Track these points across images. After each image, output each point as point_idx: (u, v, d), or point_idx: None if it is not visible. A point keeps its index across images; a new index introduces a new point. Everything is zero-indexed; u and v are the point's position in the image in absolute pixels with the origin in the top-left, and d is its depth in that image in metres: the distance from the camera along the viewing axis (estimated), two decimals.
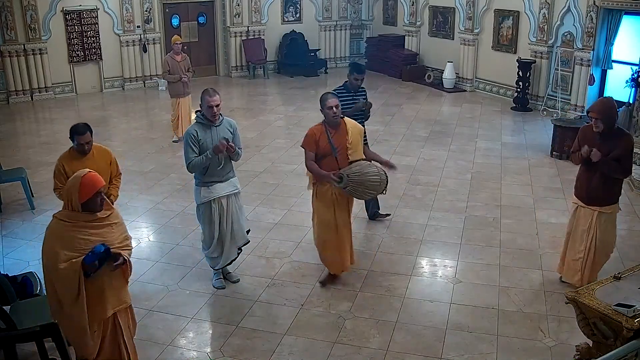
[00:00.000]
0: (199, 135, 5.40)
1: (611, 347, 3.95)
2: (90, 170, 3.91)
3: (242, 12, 16.07)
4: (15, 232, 7.17)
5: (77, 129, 5.25)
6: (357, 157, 5.60)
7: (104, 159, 5.44)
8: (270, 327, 5.28)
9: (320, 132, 5.55)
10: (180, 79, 10.16)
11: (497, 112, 12.63)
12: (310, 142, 5.55)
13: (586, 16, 11.29)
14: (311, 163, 5.56)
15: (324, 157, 5.54)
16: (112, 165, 5.51)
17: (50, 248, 3.78)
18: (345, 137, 5.56)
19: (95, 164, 5.19)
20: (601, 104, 5.44)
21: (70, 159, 5.29)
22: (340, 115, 5.57)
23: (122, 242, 3.99)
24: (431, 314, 5.47)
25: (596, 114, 5.33)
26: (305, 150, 5.60)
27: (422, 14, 15.88)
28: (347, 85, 6.66)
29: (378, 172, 5.53)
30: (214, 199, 5.57)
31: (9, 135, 11.31)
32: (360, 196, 5.64)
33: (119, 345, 4.13)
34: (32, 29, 13.51)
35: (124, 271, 4.03)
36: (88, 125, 5.33)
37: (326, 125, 5.57)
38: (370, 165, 5.56)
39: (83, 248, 3.77)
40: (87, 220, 3.83)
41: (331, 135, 5.53)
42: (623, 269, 4.81)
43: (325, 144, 5.52)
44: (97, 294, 3.89)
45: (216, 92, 5.45)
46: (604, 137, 5.37)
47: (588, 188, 5.52)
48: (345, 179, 5.39)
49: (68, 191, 3.83)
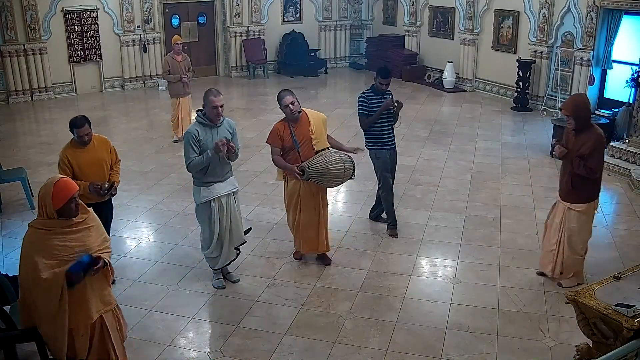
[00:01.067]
0: (200, 135, 5.41)
1: (611, 347, 3.95)
2: (62, 176, 3.89)
3: (242, 12, 16.08)
4: (15, 232, 7.17)
5: (76, 122, 5.48)
6: (322, 146, 5.93)
7: (104, 147, 5.73)
8: (270, 327, 5.28)
9: (284, 127, 5.87)
10: (181, 79, 10.16)
11: (497, 112, 12.63)
12: (275, 137, 5.88)
13: (586, 16, 11.29)
14: (277, 158, 5.90)
15: (289, 151, 5.88)
16: (111, 152, 5.80)
17: (28, 257, 3.75)
18: (307, 128, 5.86)
19: (96, 152, 5.58)
20: (572, 101, 5.54)
21: (73, 150, 5.52)
22: (299, 110, 5.82)
23: (101, 244, 3.97)
24: (431, 314, 5.47)
25: (567, 111, 5.43)
26: (271, 145, 5.94)
27: (422, 14, 15.88)
28: (374, 87, 6.76)
29: (341, 159, 5.84)
30: (213, 198, 5.57)
31: (9, 135, 11.31)
32: (327, 185, 6.00)
33: (108, 348, 4.10)
34: (32, 29, 13.51)
35: (105, 274, 4.02)
36: (86, 117, 5.56)
37: (288, 121, 5.86)
38: (333, 154, 5.87)
39: (62, 255, 3.75)
40: (63, 227, 3.80)
41: (294, 129, 5.84)
42: (623, 269, 4.81)
43: (288, 139, 5.84)
44: (79, 298, 3.87)
45: (219, 93, 5.48)
46: (577, 134, 5.48)
47: (560, 183, 5.73)
48: (307, 172, 5.71)
49: (42, 199, 3.79)
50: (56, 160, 5.60)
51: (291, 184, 6.01)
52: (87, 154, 5.54)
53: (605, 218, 7.61)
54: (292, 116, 5.82)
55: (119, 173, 5.91)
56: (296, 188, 6.00)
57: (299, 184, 5.95)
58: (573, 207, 5.62)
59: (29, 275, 3.74)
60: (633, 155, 8.95)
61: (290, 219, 6.20)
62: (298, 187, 5.98)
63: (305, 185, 5.94)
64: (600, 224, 7.42)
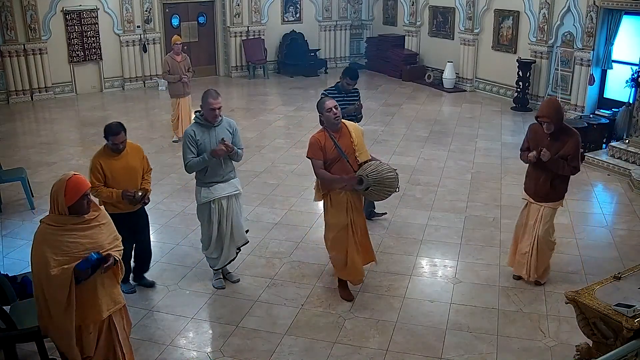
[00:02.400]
0: (197, 136, 5.42)
1: (611, 347, 3.95)
2: (75, 173, 3.88)
3: (242, 12, 16.07)
4: (15, 232, 7.17)
5: (112, 129, 5.28)
6: (364, 158, 5.42)
7: (137, 155, 5.54)
8: (270, 327, 5.28)
9: (325, 138, 5.34)
10: (181, 79, 10.16)
11: (497, 112, 12.63)
12: (316, 149, 5.32)
13: (586, 16, 11.28)
14: (322, 171, 5.33)
15: (333, 164, 5.35)
16: (144, 160, 5.62)
17: (40, 254, 3.75)
18: (349, 139, 5.37)
19: (129, 160, 5.41)
20: (550, 107, 5.50)
21: (106, 157, 5.35)
22: (340, 116, 5.41)
23: (111, 242, 3.98)
24: (431, 314, 5.47)
25: (546, 118, 5.43)
26: (313, 159, 5.35)
27: (422, 14, 15.88)
28: (338, 86, 6.76)
29: (391, 168, 5.39)
30: (213, 199, 5.57)
31: (9, 135, 11.30)
32: (379, 196, 5.42)
33: (114, 346, 4.12)
34: (32, 29, 13.51)
35: (115, 272, 4.03)
36: (121, 124, 5.37)
37: (328, 130, 5.38)
38: (382, 164, 5.42)
39: (73, 251, 3.76)
40: (75, 223, 3.81)
41: (337, 139, 5.34)
42: (623, 269, 4.81)
43: (332, 150, 5.31)
44: (90, 296, 3.88)
45: (218, 94, 5.46)
46: (553, 137, 5.49)
47: (537, 185, 5.70)
48: (365, 180, 5.23)
49: (54, 195, 3.80)
50: (56, 160, 5.60)
51: (338, 198, 5.40)
52: (120, 162, 5.35)
53: (605, 218, 7.61)
54: (335, 121, 5.29)
55: (150, 182, 5.74)
56: (344, 203, 5.40)
57: (346, 198, 5.39)
58: (550, 205, 5.69)
59: (40, 271, 3.76)
60: (633, 155, 8.95)
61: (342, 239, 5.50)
62: (346, 202, 5.40)
63: (353, 200, 5.43)
64: (600, 224, 7.43)
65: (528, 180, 5.82)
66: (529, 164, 5.71)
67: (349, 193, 5.39)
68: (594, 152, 9.54)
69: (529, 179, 5.80)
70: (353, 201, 5.46)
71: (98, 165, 5.30)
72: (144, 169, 5.63)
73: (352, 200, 5.45)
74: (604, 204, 8.11)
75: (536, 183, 5.69)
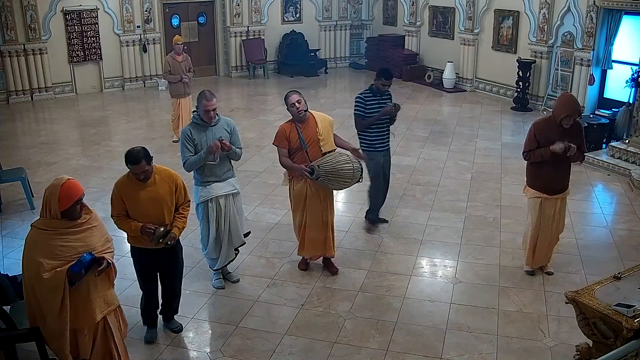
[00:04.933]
0: (193, 135, 5.45)
1: (611, 347, 3.95)
2: (69, 178, 3.86)
3: (242, 12, 16.07)
4: (15, 232, 7.17)
5: (131, 157, 4.50)
6: (329, 148, 5.79)
7: (168, 183, 4.73)
8: (270, 327, 5.28)
9: (290, 128, 5.76)
10: (181, 79, 10.16)
11: (497, 112, 12.63)
12: (282, 138, 5.76)
13: (586, 16, 11.29)
14: (285, 159, 5.77)
15: (296, 152, 5.74)
16: (177, 191, 4.76)
17: (31, 258, 3.75)
18: (314, 129, 5.74)
19: (156, 190, 4.63)
20: (576, 102, 5.64)
21: (127, 187, 4.62)
22: (305, 109, 5.71)
23: (104, 244, 3.98)
24: (431, 314, 5.47)
25: (578, 113, 5.59)
26: (278, 147, 5.81)
27: (422, 14, 15.88)
28: (372, 88, 6.71)
29: (350, 160, 5.71)
30: (211, 198, 5.57)
31: (9, 135, 11.29)
32: (335, 186, 5.81)
33: (110, 347, 4.12)
34: (32, 29, 13.51)
35: (109, 274, 4.03)
36: (144, 151, 4.55)
37: (294, 121, 5.76)
38: (342, 154, 5.74)
39: (65, 255, 3.75)
40: (66, 227, 3.80)
41: (301, 130, 5.72)
42: (623, 269, 4.81)
43: (295, 139, 5.72)
44: (83, 299, 3.88)
45: (213, 95, 5.48)
46: (566, 130, 5.54)
47: (555, 180, 5.73)
48: (316, 171, 5.58)
49: (47, 199, 3.79)
50: (56, 160, 5.59)
51: (298, 186, 5.84)
52: (145, 192, 4.60)
53: (605, 218, 7.61)
54: (298, 116, 5.70)
55: (186, 218, 4.86)
56: (303, 190, 5.83)
57: (305, 187, 5.80)
58: (566, 194, 5.87)
59: (32, 275, 3.75)
60: (633, 155, 8.95)
61: (297, 222, 6.02)
62: (305, 190, 5.82)
63: (312, 188, 5.78)
64: (600, 224, 7.43)
65: (541, 178, 5.73)
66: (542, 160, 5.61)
67: (308, 182, 5.74)
68: (594, 152, 9.52)
69: (543, 175, 5.70)
70: (313, 188, 5.79)
71: (119, 195, 4.63)
72: (178, 200, 4.77)
73: (311, 189, 5.79)
74: (604, 204, 8.11)
75: (554, 178, 5.70)
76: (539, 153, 5.63)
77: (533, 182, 5.84)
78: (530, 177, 5.87)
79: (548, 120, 5.69)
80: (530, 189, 5.88)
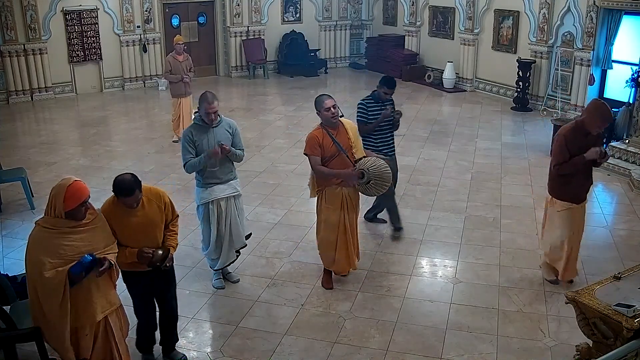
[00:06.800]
0: (194, 137, 5.42)
1: (611, 347, 3.95)
2: (76, 179, 3.85)
3: (242, 12, 16.07)
4: (15, 232, 7.17)
5: (123, 189, 4.10)
6: (360, 154, 5.51)
7: (156, 204, 4.41)
8: (270, 327, 5.28)
9: (322, 134, 5.39)
10: (182, 79, 10.16)
11: (497, 112, 12.63)
12: (314, 146, 5.36)
13: (586, 16, 11.29)
14: (321, 167, 5.36)
15: (331, 159, 5.39)
16: (166, 209, 4.47)
17: (35, 256, 3.75)
18: (346, 136, 5.45)
19: (144, 215, 4.31)
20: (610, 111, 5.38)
21: (115, 213, 4.22)
22: (340, 114, 5.47)
23: (106, 245, 3.98)
24: (431, 314, 5.47)
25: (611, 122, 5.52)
26: (310, 156, 5.39)
27: (422, 14, 15.88)
28: (375, 95, 6.64)
29: (385, 163, 5.45)
30: (212, 200, 5.57)
31: (9, 135, 11.30)
32: (377, 190, 5.42)
33: (111, 347, 4.12)
34: (32, 29, 13.51)
35: (111, 275, 4.03)
36: (134, 178, 4.15)
37: (325, 127, 5.44)
38: (378, 158, 5.48)
39: (68, 254, 3.75)
40: (70, 227, 3.80)
41: (334, 136, 5.40)
42: (623, 269, 4.81)
43: (330, 146, 5.37)
44: (85, 299, 3.88)
45: (215, 97, 5.40)
46: (592, 135, 5.43)
47: (584, 187, 5.62)
48: (367, 174, 5.25)
49: (53, 198, 3.79)
50: (56, 160, 5.58)
51: (332, 197, 5.46)
52: (134, 217, 4.27)
53: (605, 218, 7.61)
54: (332, 121, 5.35)
55: (177, 234, 4.61)
56: (338, 201, 5.44)
57: (341, 196, 5.45)
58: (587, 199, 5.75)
59: (34, 273, 3.75)
60: (633, 155, 8.94)
61: (331, 238, 5.58)
62: (341, 200, 5.44)
63: (349, 196, 5.48)
64: (600, 224, 7.43)
65: (572, 188, 5.51)
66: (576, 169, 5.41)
67: (344, 189, 5.46)
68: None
69: (574, 185, 5.50)
70: (349, 197, 5.53)
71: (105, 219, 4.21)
72: (167, 218, 4.50)
73: (347, 196, 5.51)
74: (604, 204, 8.11)
75: (583, 184, 5.56)
76: (574, 163, 5.37)
77: (562, 193, 5.54)
78: (559, 188, 5.55)
79: (574, 128, 5.42)
80: (558, 201, 5.57)
